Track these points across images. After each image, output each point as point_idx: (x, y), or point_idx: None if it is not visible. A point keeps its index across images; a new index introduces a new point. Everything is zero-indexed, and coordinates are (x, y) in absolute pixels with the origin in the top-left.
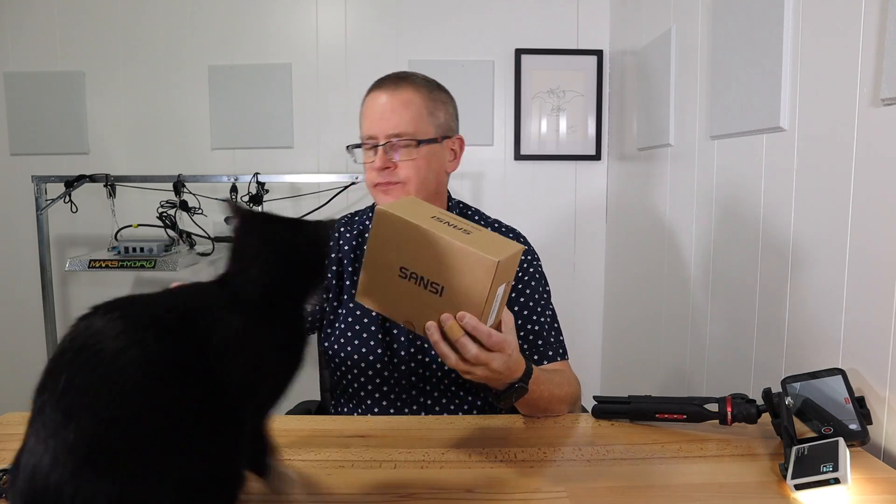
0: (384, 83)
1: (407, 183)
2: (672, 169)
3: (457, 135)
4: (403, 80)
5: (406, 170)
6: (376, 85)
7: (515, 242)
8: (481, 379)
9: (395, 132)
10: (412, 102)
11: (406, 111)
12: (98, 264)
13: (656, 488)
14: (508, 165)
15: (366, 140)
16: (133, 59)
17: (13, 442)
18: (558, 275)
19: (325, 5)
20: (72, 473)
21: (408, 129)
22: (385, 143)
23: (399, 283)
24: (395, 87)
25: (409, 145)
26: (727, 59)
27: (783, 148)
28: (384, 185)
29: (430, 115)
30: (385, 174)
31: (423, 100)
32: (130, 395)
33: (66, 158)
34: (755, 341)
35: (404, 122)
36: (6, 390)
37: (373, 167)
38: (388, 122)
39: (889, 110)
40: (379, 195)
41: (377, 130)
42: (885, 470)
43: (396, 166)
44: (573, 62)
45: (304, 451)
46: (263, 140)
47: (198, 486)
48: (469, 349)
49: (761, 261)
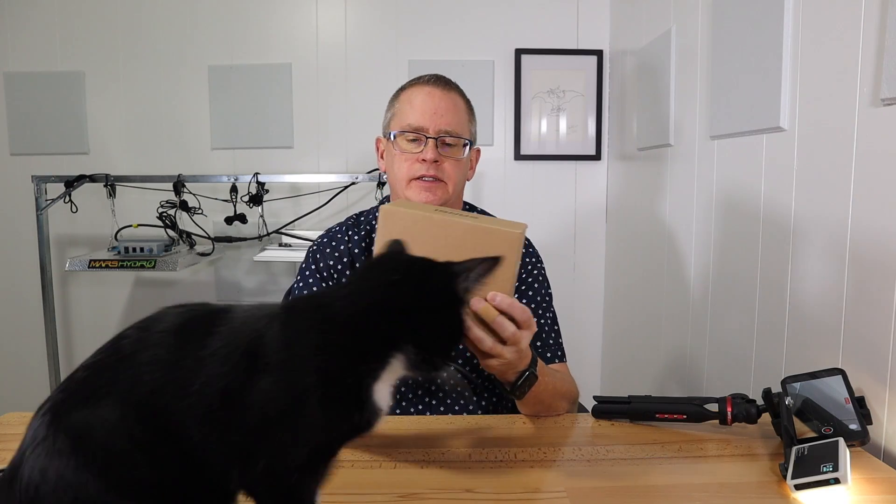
0: (434, 81)
1: (448, 182)
2: (672, 169)
3: (476, 147)
4: (451, 84)
5: (451, 168)
6: (424, 81)
7: (520, 223)
8: (499, 368)
9: (447, 129)
10: (460, 106)
11: (456, 113)
12: (98, 264)
13: (656, 488)
14: (508, 165)
15: (413, 130)
16: (133, 59)
17: (13, 442)
18: (558, 275)
19: (325, 5)
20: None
21: (458, 128)
22: (437, 138)
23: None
24: (446, 86)
25: (458, 144)
26: (727, 59)
27: (783, 148)
28: (427, 179)
29: (469, 122)
30: (432, 168)
31: (465, 106)
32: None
33: (66, 158)
34: (755, 341)
35: (456, 121)
36: (6, 390)
37: (418, 158)
38: (442, 118)
39: (889, 110)
40: (417, 191)
41: (429, 123)
42: (885, 470)
43: (442, 162)
44: (573, 62)
45: None
46: (263, 140)
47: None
48: (507, 328)
49: (761, 261)
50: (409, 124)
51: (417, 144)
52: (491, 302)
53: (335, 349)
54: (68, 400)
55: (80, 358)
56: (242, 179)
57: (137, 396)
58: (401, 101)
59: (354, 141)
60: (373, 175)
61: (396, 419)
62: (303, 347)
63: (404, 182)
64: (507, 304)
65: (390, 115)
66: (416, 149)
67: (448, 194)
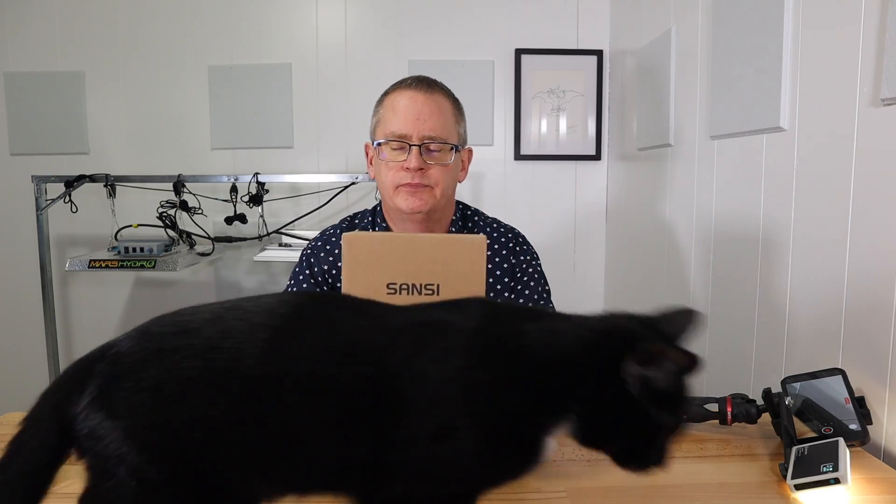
0: (416, 84)
1: (435, 187)
2: (672, 169)
3: (467, 146)
4: (435, 86)
5: (437, 174)
6: (406, 85)
7: (479, 235)
8: None
9: (431, 135)
10: (445, 109)
11: (441, 116)
12: (98, 264)
13: (656, 488)
14: (508, 165)
15: (395, 139)
16: (133, 59)
17: None
18: (558, 275)
19: (325, 5)
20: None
21: (442, 133)
22: (420, 145)
23: (389, 302)
24: (428, 90)
25: (443, 149)
26: (727, 59)
27: (783, 148)
28: (413, 187)
29: (457, 123)
30: (417, 175)
31: (451, 108)
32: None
33: (66, 158)
34: (755, 341)
35: (440, 126)
36: (6, 390)
37: (402, 166)
38: (424, 124)
39: (889, 110)
40: (404, 198)
41: (411, 130)
42: (885, 470)
43: (428, 169)
44: (573, 62)
45: None
46: (263, 140)
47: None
48: None
49: (761, 261)
50: (392, 132)
51: (402, 152)
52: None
53: (525, 389)
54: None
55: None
56: (242, 179)
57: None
58: (384, 107)
59: (354, 141)
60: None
61: None
62: (481, 378)
63: (391, 190)
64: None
65: (375, 121)
66: (401, 157)
67: (436, 199)
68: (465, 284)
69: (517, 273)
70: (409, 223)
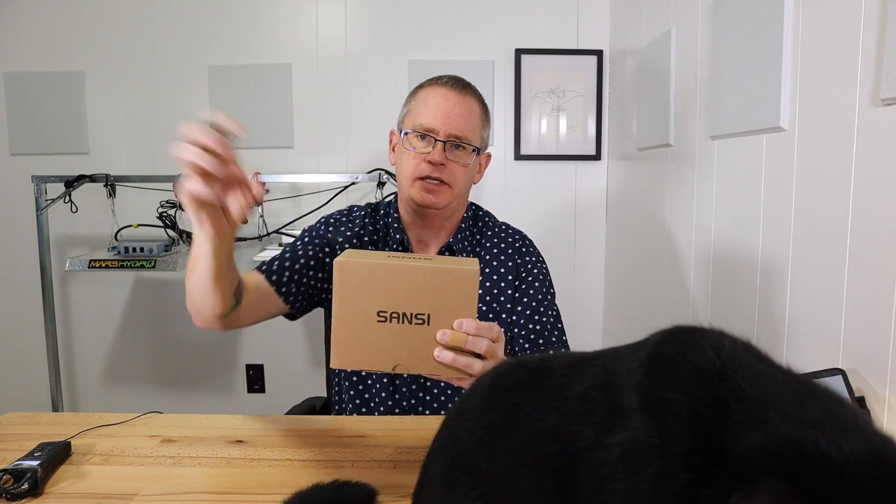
0: (451, 84)
1: (452, 185)
2: (672, 169)
3: (487, 151)
4: (468, 88)
5: (456, 172)
6: (442, 82)
7: (472, 259)
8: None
9: (458, 134)
10: (474, 111)
11: (469, 118)
12: (98, 264)
13: None
14: (508, 165)
15: (423, 131)
16: (133, 59)
17: (13, 441)
18: (558, 275)
19: (325, 5)
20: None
21: (468, 134)
22: (446, 141)
23: (379, 329)
24: (462, 90)
25: (466, 150)
26: (727, 59)
27: (783, 148)
28: (431, 181)
29: (482, 127)
30: (436, 169)
31: (480, 112)
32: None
33: (66, 158)
34: (754, 341)
35: (467, 127)
36: (6, 390)
37: (424, 158)
38: (453, 122)
39: (889, 110)
40: (420, 192)
41: (440, 125)
42: None
43: (447, 166)
44: (573, 62)
45: (305, 451)
46: (263, 140)
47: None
48: (480, 344)
49: (761, 261)
50: (420, 124)
51: (427, 144)
52: (458, 329)
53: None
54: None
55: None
56: None
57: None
58: (417, 100)
59: (354, 141)
60: (372, 175)
61: (396, 419)
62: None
63: (409, 179)
64: (473, 326)
65: (405, 111)
66: (425, 148)
67: (451, 197)
68: (457, 314)
69: (521, 272)
70: (421, 217)
